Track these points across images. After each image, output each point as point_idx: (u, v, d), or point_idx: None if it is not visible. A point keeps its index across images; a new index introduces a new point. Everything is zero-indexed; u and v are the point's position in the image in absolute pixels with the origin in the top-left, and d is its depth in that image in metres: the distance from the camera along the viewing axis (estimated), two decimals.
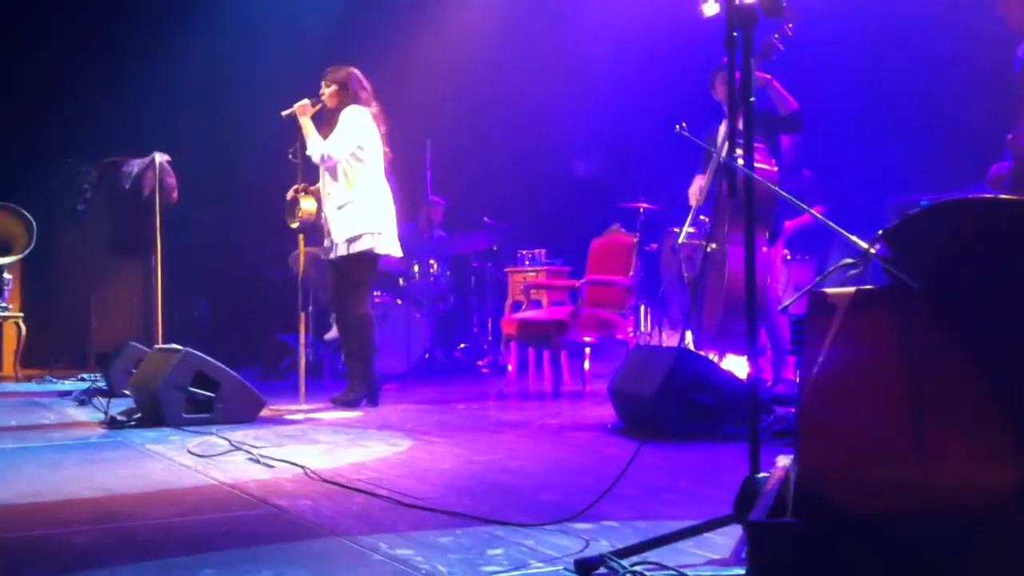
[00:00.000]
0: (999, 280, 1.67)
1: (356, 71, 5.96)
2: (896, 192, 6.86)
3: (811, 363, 1.70)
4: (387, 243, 5.87)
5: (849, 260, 1.80)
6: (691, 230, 6.08)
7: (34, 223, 8.67)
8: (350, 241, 5.79)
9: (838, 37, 7.44)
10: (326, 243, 5.96)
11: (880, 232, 1.72)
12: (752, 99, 2.26)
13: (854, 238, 1.79)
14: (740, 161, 2.29)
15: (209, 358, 5.13)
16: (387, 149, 6.00)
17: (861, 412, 1.66)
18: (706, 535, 2.25)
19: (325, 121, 5.96)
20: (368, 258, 5.84)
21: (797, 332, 5.58)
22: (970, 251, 1.69)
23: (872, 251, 1.72)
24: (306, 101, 5.87)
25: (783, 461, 2.11)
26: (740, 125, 2.30)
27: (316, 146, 5.80)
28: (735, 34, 2.23)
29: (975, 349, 1.66)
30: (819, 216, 2.09)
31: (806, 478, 1.61)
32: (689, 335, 6.02)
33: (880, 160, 7.54)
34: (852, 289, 1.72)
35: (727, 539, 2.27)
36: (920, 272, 1.68)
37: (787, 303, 5.48)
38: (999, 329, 1.67)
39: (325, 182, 5.91)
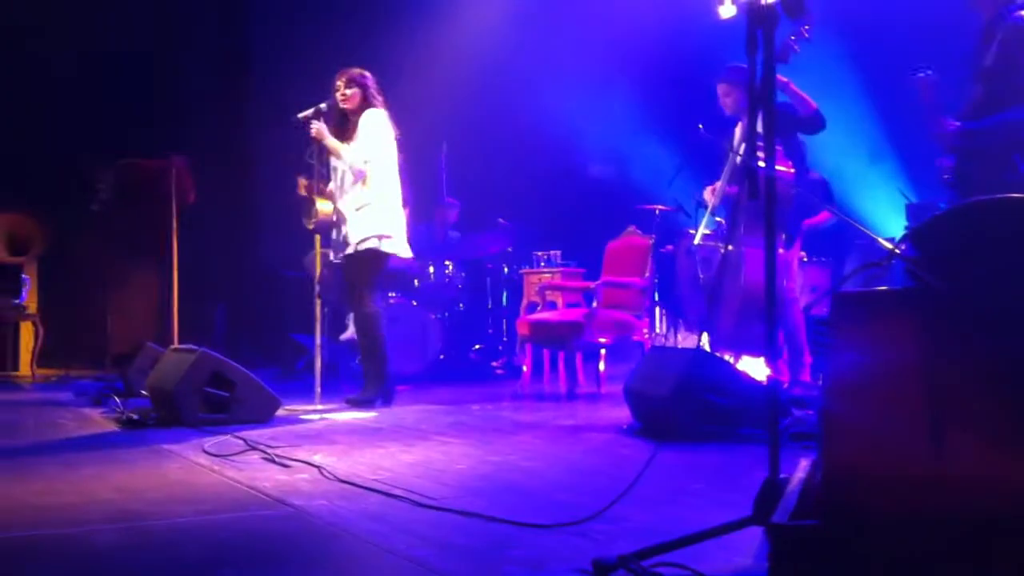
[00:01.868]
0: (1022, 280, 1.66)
1: (370, 75, 5.98)
2: (906, 195, 6.84)
3: (835, 364, 1.68)
4: (395, 244, 5.89)
5: (873, 261, 1.79)
6: (707, 232, 6.06)
7: (51, 223, 8.71)
8: (360, 242, 5.81)
9: (847, 38, 7.43)
10: (334, 239, 5.96)
11: (905, 232, 1.71)
12: (773, 100, 2.24)
13: (881, 239, 1.78)
14: (761, 163, 2.27)
15: (225, 358, 5.14)
16: (400, 153, 6.02)
17: (886, 414, 1.65)
18: (726, 537, 2.23)
19: (336, 122, 5.97)
20: (374, 256, 5.85)
21: (820, 333, 5.56)
22: (995, 252, 1.68)
23: (898, 252, 1.71)
24: (320, 121, 5.86)
25: (805, 464, 2.09)
26: (759, 127, 2.28)
27: (353, 154, 5.80)
28: (756, 33, 2.21)
29: (998, 350, 1.65)
30: (844, 216, 2.08)
31: (831, 480, 1.60)
32: (705, 336, 6.00)
33: (889, 163, 7.53)
34: (876, 290, 1.71)
35: (746, 541, 2.25)
36: (944, 273, 1.67)
37: (811, 304, 5.45)
38: (1021, 330, 1.66)
39: (344, 183, 5.91)
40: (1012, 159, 4.62)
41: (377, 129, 5.84)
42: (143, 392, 5.85)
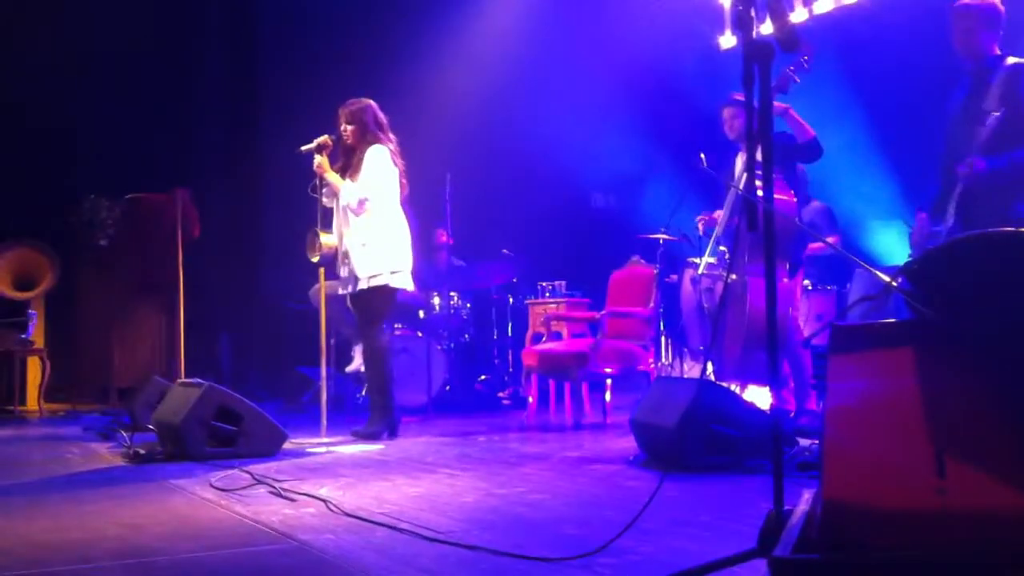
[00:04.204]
0: (1020, 313, 1.67)
1: (373, 104, 6.01)
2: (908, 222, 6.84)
3: (834, 396, 1.69)
4: (403, 279, 5.93)
5: (870, 295, 1.80)
6: (711, 261, 6.08)
7: (58, 259, 8.76)
8: (371, 277, 5.83)
9: (848, 65, 7.47)
10: (342, 275, 5.98)
11: (902, 266, 1.72)
12: (771, 133, 2.26)
13: (877, 272, 1.79)
14: (760, 193, 2.29)
15: (231, 392, 5.15)
16: (404, 182, 6.05)
17: (885, 446, 1.66)
18: (730, 569, 2.23)
19: (341, 156, 6.01)
20: (386, 292, 5.89)
21: (820, 365, 5.56)
22: (992, 284, 1.69)
23: (894, 284, 1.73)
24: (324, 154, 5.91)
25: (809, 495, 2.10)
26: (758, 156, 2.30)
27: (351, 193, 5.83)
28: (752, 68, 2.23)
29: (998, 382, 1.66)
30: (841, 250, 2.09)
31: (830, 512, 1.61)
32: (710, 366, 6.00)
33: (892, 190, 7.53)
34: (874, 323, 1.72)
35: (751, 573, 2.25)
36: (942, 306, 1.68)
37: (811, 336, 5.45)
38: (1021, 361, 1.67)
39: (347, 218, 5.94)
40: (1020, 194, 4.66)
41: (378, 166, 5.86)
42: (149, 426, 5.86)
